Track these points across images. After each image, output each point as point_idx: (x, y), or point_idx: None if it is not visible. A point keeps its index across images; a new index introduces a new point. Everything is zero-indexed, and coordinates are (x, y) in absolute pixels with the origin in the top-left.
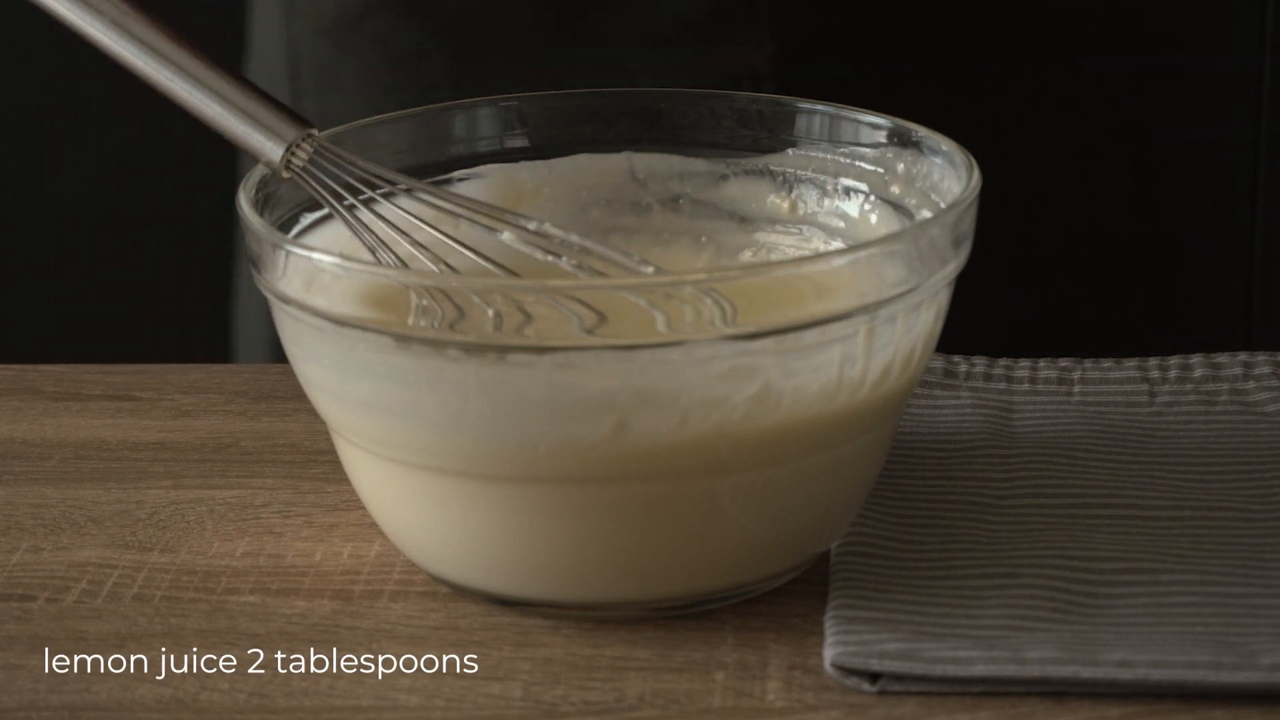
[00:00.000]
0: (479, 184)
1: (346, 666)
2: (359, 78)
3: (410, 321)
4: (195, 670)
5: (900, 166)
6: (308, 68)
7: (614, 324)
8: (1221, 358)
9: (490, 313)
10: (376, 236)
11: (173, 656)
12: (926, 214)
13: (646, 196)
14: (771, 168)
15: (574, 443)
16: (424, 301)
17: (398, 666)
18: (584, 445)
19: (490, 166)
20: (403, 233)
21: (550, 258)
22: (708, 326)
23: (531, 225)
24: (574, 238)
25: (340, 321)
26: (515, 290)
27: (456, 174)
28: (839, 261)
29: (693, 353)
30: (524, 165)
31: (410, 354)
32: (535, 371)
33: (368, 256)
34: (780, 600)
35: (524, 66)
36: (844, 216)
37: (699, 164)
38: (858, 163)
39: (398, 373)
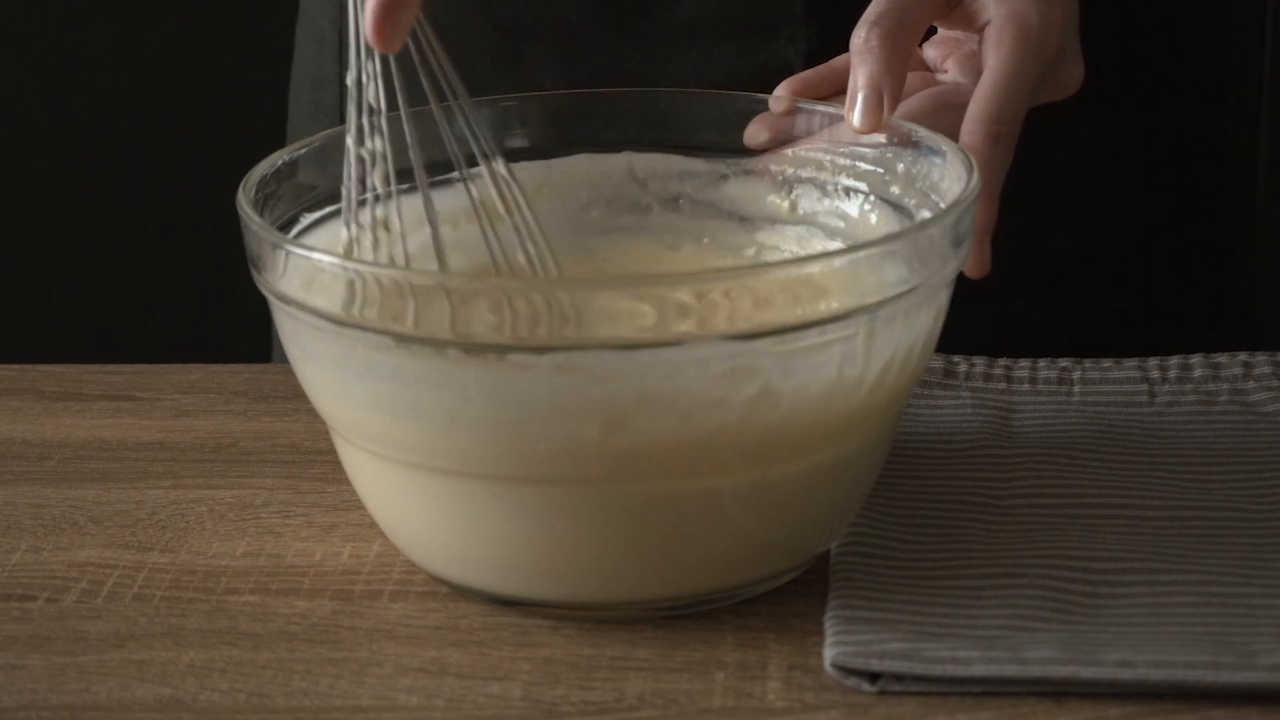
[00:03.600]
0: (478, 183)
1: (346, 666)
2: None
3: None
4: (195, 670)
5: (900, 166)
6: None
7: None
8: (1221, 358)
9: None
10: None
11: (173, 656)
12: (926, 214)
13: (646, 196)
14: (771, 168)
15: (574, 443)
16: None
17: (398, 666)
18: (584, 445)
19: (490, 166)
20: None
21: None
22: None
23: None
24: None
25: (340, 321)
26: (512, 290)
27: (456, 174)
28: (839, 261)
29: (692, 353)
30: (524, 165)
31: (410, 354)
32: (535, 372)
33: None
34: (780, 600)
35: (561, 50)
36: (844, 216)
37: (699, 164)
38: (857, 163)
39: (398, 373)
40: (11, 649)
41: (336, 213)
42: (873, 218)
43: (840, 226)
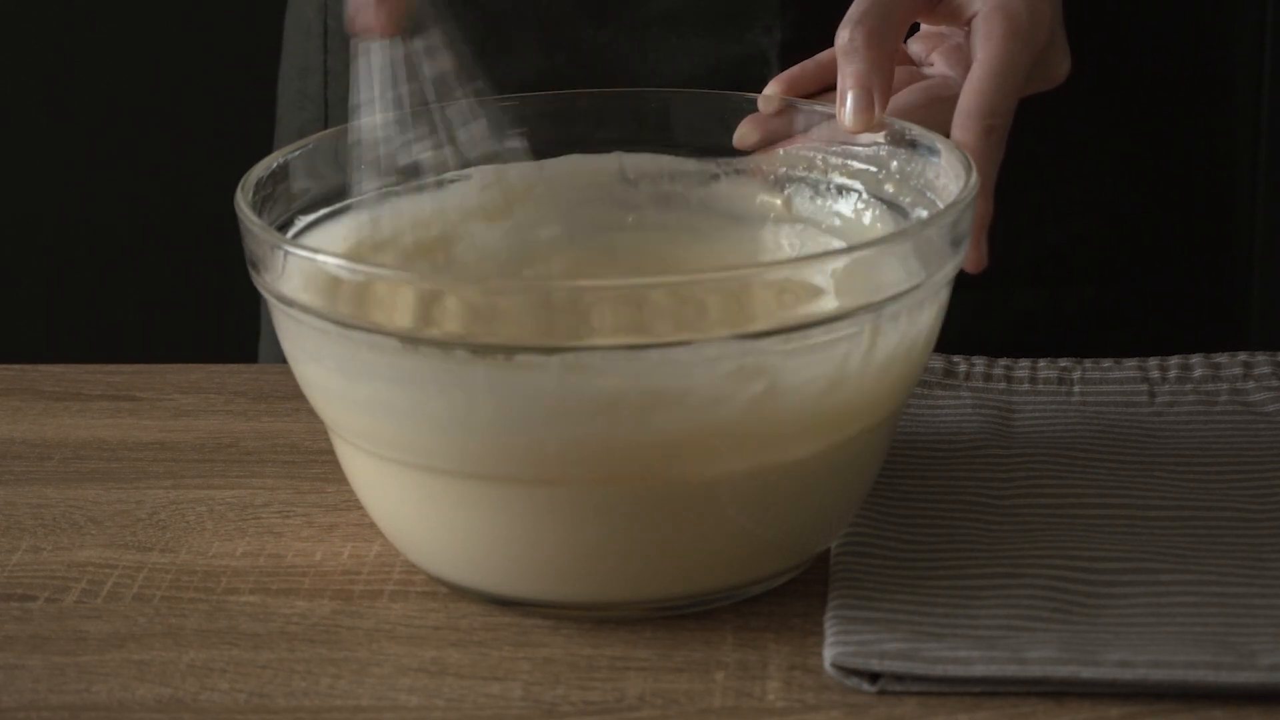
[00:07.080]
0: (469, 184)
1: (346, 666)
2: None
3: None
4: (195, 670)
5: (894, 164)
6: (339, 25)
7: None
8: (1221, 358)
9: None
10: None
11: (173, 656)
12: (922, 212)
13: (637, 196)
14: (764, 167)
15: (582, 443)
16: None
17: (398, 666)
18: (591, 445)
19: (481, 167)
20: None
21: None
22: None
23: None
24: None
25: (344, 323)
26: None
27: (448, 174)
28: (845, 260)
29: (701, 352)
30: (514, 166)
31: (417, 356)
32: (544, 372)
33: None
34: (780, 600)
35: (542, 38)
36: (839, 215)
37: (690, 163)
38: (850, 161)
39: (403, 375)
40: (11, 649)
41: (332, 214)
42: (867, 216)
43: (835, 225)
